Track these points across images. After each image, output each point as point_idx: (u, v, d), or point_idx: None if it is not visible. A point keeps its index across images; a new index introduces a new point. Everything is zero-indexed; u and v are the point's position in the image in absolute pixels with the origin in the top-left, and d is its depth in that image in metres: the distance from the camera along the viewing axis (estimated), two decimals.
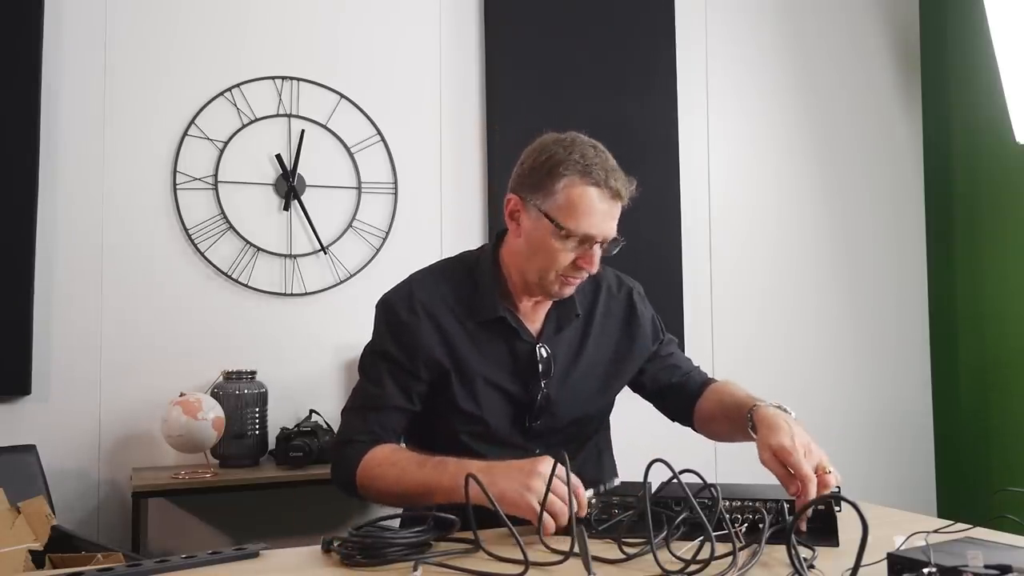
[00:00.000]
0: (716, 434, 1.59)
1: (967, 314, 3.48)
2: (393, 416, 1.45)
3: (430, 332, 1.45)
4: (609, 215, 1.39)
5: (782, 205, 3.40)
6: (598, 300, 1.59)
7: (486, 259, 1.52)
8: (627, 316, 1.61)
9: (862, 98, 3.53)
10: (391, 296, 1.50)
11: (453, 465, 1.27)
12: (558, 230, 1.38)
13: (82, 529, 2.32)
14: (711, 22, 3.33)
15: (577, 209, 1.37)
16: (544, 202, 1.39)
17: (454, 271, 1.53)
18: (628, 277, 1.68)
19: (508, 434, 1.48)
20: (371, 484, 1.37)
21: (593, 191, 1.37)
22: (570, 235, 1.38)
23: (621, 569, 1.04)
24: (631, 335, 1.60)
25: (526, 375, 1.48)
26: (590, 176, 1.37)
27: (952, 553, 0.87)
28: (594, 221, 1.38)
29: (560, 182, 1.38)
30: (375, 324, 1.50)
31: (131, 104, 2.60)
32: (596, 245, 1.40)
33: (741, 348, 3.28)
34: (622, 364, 1.60)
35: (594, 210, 1.37)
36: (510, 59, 2.98)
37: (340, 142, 2.81)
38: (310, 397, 2.70)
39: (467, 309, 1.48)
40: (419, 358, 1.44)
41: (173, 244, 2.62)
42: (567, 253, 1.40)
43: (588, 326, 1.56)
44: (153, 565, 1.05)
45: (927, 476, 3.51)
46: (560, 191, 1.38)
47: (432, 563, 1.05)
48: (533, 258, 1.43)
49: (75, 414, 2.47)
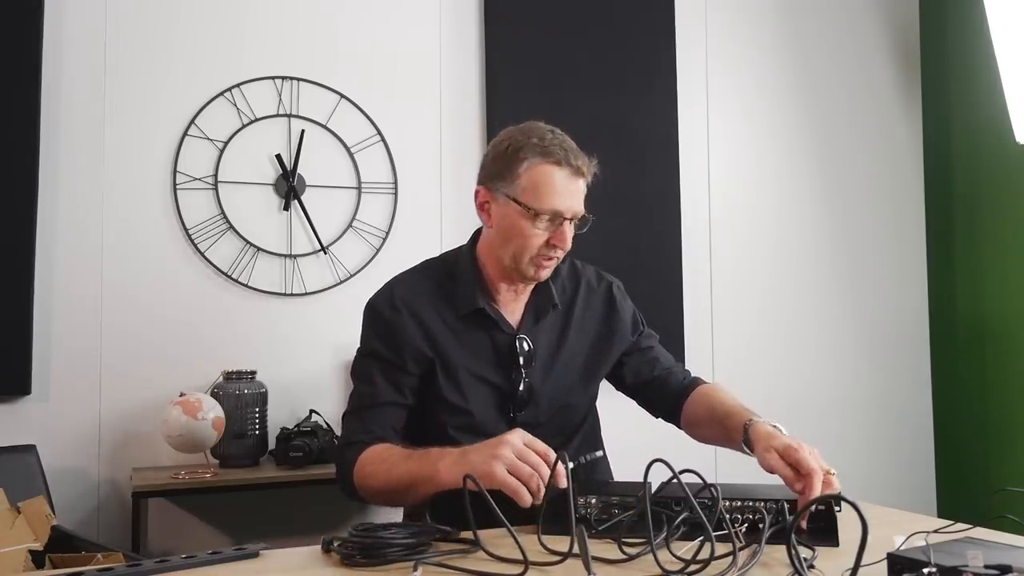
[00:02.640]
0: (703, 438, 1.61)
1: (967, 314, 3.47)
2: (388, 412, 1.47)
3: (413, 327, 1.48)
4: (574, 192, 1.44)
5: (782, 205, 3.40)
6: (578, 294, 1.62)
7: (464, 256, 1.56)
8: (607, 309, 1.64)
9: (862, 98, 3.53)
10: (374, 298, 1.55)
11: (435, 453, 1.29)
12: (526, 211, 1.42)
13: (82, 529, 2.32)
14: (711, 22, 3.33)
15: (541, 189, 1.42)
16: (510, 187, 1.44)
17: (435, 270, 1.58)
18: (609, 274, 1.71)
19: (494, 426, 1.49)
20: (366, 484, 1.39)
21: (555, 169, 1.42)
22: (539, 214, 1.42)
23: (621, 569, 1.04)
24: (611, 327, 1.64)
25: (508, 366, 1.51)
26: (550, 156, 1.42)
27: (952, 553, 0.87)
28: (560, 198, 1.42)
29: (522, 165, 1.43)
30: (362, 328, 1.55)
31: (131, 104, 2.60)
32: (566, 222, 1.44)
33: (741, 348, 3.28)
34: (602, 355, 1.62)
35: (558, 187, 1.42)
36: (510, 59, 2.98)
37: (340, 142, 2.81)
38: (310, 397, 2.71)
39: (448, 304, 1.52)
40: (405, 352, 1.47)
41: (173, 244, 2.62)
42: (538, 234, 1.44)
43: (568, 318, 1.59)
44: (153, 565, 1.05)
45: (927, 476, 3.51)
46: (523, 174, 1.43)
47: (432, 563, 1.05)
48: (507, 244, 1.47)
49: (75, 414, 2.47)
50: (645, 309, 3.17)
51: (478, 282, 1.53)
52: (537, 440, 1.23)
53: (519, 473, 1.17)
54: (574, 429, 1.60)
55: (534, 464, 1.18)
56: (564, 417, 1.57)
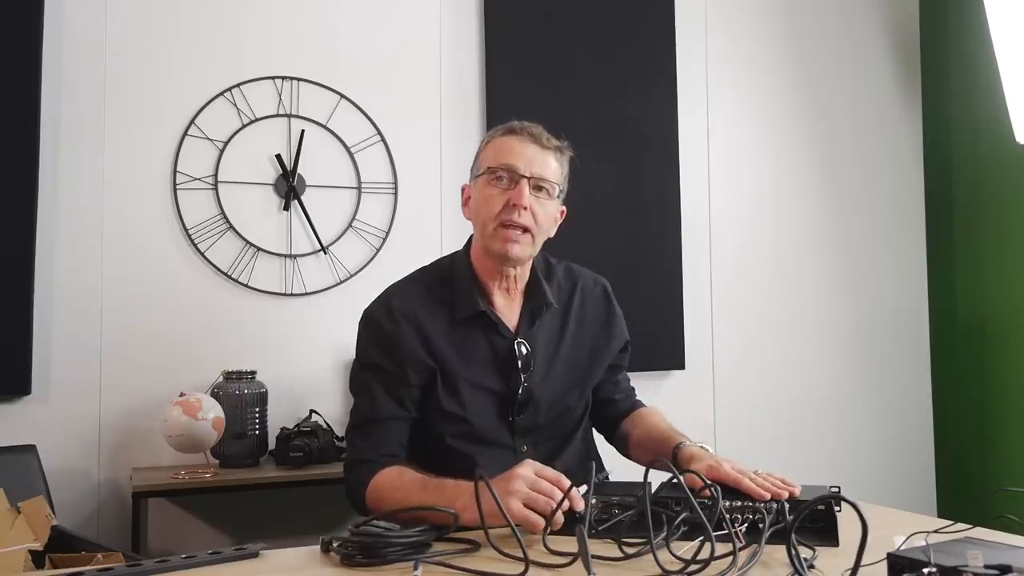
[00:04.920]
0: (636, 459, 1.63)
1: (967, 313, 3.48)
2: (393, 428, 1.46)
3: (413, 338, 1.47)
4: (532, 156, 1.47)
5: (782, 205, 3.40)
6: (575, 295, 1.62)
7: (460, 261, 1.56)
8: (606, 311, 1.66)
9: (862, 98, 3.54)
10: (371, 309, 1.54)
11: (450, 488, 1.26)
12: (486, 175, 1.48)
13: (82, 529, 2.32)
14: (711, 22, 3.33)
15: (497, 151, 1.49)
16: (477, 169, 1.53)
17: (429, 276, 1.58)
18: (599, 276, 1.71)
19: (494, 432, 1.49)
20: (379, 507, 1.36)
21: (510, 136, 1.49)
22: (493, 171, 1.46)
23: (621, 569, 1.04)
24: (609, 330, 1.65)
25: (507, 370, 1.51)
26: (506, 127, 1.51)
27: (952, 553, 0.87)
28: (512, 155, 1.46)
29: (485, 146, 1.53)
30: (359, 340, 1.53)
31: (131, 104, 2.60)
32: (523, 181, 1.45)
33: (741, 348, 3.28)
34: (599, 355, 1.63)
35: (512, 148, 1.47)
36: (510, 59, 2.98)
37: (340, 142, 2.81)
38: (310, 397, 2.70)
39: (445, 310, 1.50)
40: (407, 365, 1.46)
41: (173, 244, 2.62)
42: (496, 195, 1.46)
43: (566, 319, 1.59)
44: (153, 565, 1.05)
45: (927, 476, 3.51)
46: (484, 150, 1.52)
47: (432, 563, 1.05)
48: (476, 219, 1.51)
49: (75, 414, 2.47)
50: (645, 309, 3.18)
51: (476, 286, 1.52)
52: (547, 468, 1.22)
53: (535, 505, 1.16)
54: (572, 431, 1.60)
55: (548, 493, 1.17)
56: (562, 420, 1.57)
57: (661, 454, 1.47)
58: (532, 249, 1.51)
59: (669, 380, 3.12)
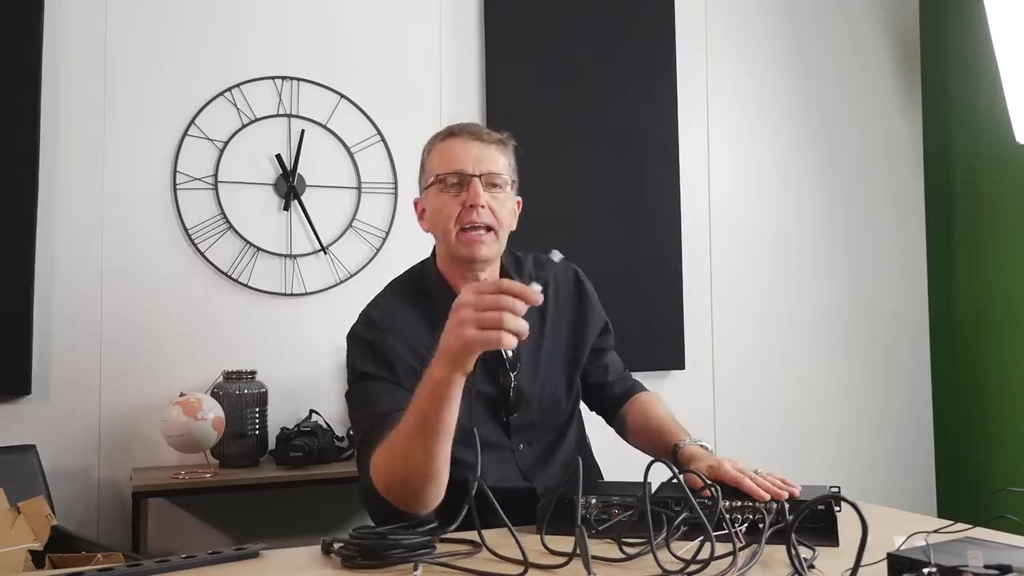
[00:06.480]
0: (635, 446, 1.63)
1: (967, 313, 3.47)
2: (396, 419, 1.43)
3: (399, 346, 1.45)
4: (477, 154, 1.47)
5: (782, 205, 3.40)
6: (548, 286, 1.60)
7: (430, 268, 1.56)
8: (577, 295, 1.64)
9: (862, 98, 3.53)
10: (354, 328, 1.52)
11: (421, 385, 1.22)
12: (437, 183, 1.47)
13: (82, 529, 2.32)
14: (711, 22, 3.33)
15: (443, 158, 1.48)
16: (426, 180, 1.52)
17: (405, 287, 1.57)
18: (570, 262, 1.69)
19: (489, 435, 1.47)
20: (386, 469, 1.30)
21: (450, 140, 1.49)
22: (443, 178, 1.46)
23: (621, 569, 1.04)
24: (584, 316, 1.63)
25: (495, 371, 1.50)
26: (444, 131, 1.52)
27: (952, 553, 0.87)
28: (457, 158, 1.46)
29: (428, 154, 1.53)
30: (349, 358, 1.51)
31: (131, 104, 2.60)
32: (475, 180, 1.45)
33: (741, 348, 3.28)
34: (580, 343, 1.62)
35: (455, 150, 1.47)
36: (510, 59, 2.98)
37: (340, 142, 2.81)
38: (310, 397, 2.70)
39: (426, 319, 1.47)
40: (397, 368, 1.44)
41: (173, 244, 2.62)
42: (453, 201, 1.46)
43: (544, 312, 1.58)
44: (153, 565, 1.05)
45: (927, 476, 3.51)
46: (429, 158, 1.52)
47: (432, 564, 1.05)
48: (437, 230, 1.50)
49: (75, 414, 2.47)
50: (645, 309, 3.16)
51: (450, 293, 1.49)
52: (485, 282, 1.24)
53: (488, 323, 1.11)
54: (565, 424, 1.60)
55: (495, 304, 1.11)
56: (555, 414, 1.57)
57: (659, 446, 1.47)
58: (498, 247, 1.50)
59: (669, 380, 3.11)
